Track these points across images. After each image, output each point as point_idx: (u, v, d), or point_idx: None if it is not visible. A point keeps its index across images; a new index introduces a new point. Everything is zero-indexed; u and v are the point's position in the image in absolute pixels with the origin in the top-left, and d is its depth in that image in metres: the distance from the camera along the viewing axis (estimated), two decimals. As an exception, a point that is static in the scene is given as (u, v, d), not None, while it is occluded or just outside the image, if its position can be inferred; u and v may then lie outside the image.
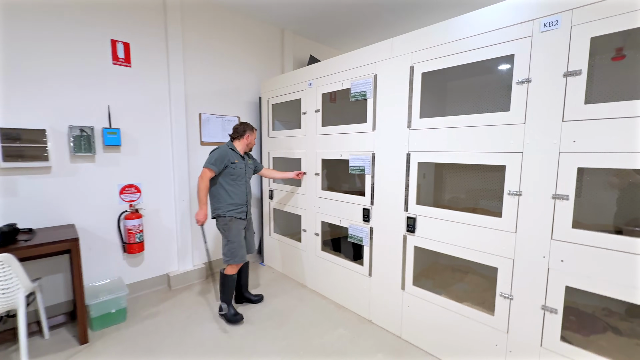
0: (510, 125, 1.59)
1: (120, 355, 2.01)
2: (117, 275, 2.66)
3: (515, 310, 1.64)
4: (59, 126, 2.32)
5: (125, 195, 2.68)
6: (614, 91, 1.65)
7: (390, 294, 2.24)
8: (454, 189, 2.58)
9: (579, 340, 1.65)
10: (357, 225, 2.43)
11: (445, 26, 1.82)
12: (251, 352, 2.05)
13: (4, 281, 1.69)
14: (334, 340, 2.18)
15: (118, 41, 2.56)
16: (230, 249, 2.33)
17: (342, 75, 2.46)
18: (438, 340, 2.00)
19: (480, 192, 2.35)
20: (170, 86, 2.85)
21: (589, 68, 1.35)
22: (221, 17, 3.21)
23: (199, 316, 2.47)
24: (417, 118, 1.98)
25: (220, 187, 2.34)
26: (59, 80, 2.31)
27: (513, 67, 1.57)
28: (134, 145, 2.70)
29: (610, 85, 1.66)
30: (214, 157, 2.29)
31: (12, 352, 2.02)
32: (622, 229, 1.66)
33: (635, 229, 1.61)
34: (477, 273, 2.44)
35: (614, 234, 1.34)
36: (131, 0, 2.60)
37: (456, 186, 2.57)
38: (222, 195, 2.35)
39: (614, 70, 1.71)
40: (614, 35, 1.30)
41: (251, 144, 2.52)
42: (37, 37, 2.21)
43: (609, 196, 1.77)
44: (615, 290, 1.34)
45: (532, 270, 1.56)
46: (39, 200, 2.28)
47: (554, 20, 1.43)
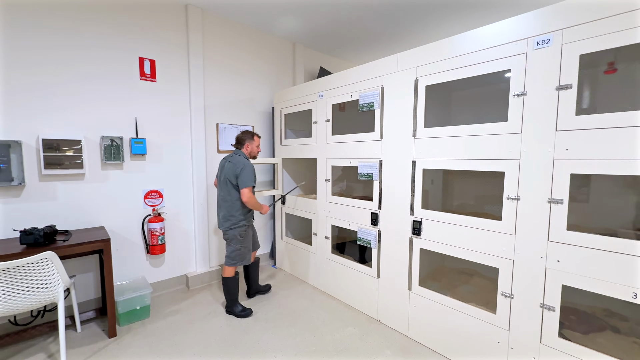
0: (508, 134, 1.71)
1: (146, 348, 2.18)
2: (141, 275, 2.85)
3: (515, 309, 1.74)
4: (93, 136, 2.55)
5: (149, 200, 2.88)
6: (608, 102, 1.76)
7: (398, 295, 2.36)
8: (460, 194, 2.70)
9: (578, 337, 1.74)
10: (366, 229, 2.56)
11: (446, 43, 1.96)
12: (267, 347, 2.18)
13: (47, 276, 1.88)
14: (344, 337, 2.30)
15: (145, 58, 2.79)
16: (240, 253, 2.55)
17: (351, 87, 2.62)
18: (443, 339, 2.09)
19: (483, 197, 2.46)
20: (191, 99, 3.06)
21: (581, 82, 1.48)
22: (237, 33, 3.43)
23: (217, 314, 2.63)
24: (422, 127, 2.12)
25: (238, 199, 2.49)
26: (94, 95, 2.54)
27: (510, 81, 1.70)
28: (158, 153, 2.92)
29: (604, 96, 1.77)
30: (249, 174, 2.43)
31: (50, 344, 2.21)
32: (616, 232, 1.75)
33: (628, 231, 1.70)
34: (483, 276, 2.53)
35: (604, 236, 1.43)
36: (158, 20, 2.84)
37: (461, 192, 2.69)
38: (239, 206, 2.50)
39: (608, 82, 1.82)
40: (606, 51, 1.41)
41: (253, 152, 2.66)
42: (74, 58, 2.45)
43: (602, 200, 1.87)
44: (607, 288, 1.43)
45: (531, 270, 1.66)
46: (74, 204, 2.49)
47: (546, 38, 1.56)
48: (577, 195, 1.86)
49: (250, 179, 2.43)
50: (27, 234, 2.02)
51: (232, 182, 2.47)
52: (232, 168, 2.47)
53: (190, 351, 2.14)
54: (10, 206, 2.25)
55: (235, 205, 2.50)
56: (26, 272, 1.80)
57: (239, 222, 2.51)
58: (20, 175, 2.23)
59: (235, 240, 2.54)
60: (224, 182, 2.53)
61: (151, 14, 2.81)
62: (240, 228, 2.52)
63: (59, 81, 2.40)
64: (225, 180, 2.52)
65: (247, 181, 2.41)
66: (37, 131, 2.31)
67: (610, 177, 1.79)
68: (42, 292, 1.87)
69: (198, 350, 2.14)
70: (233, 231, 2.52)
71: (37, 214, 2.34)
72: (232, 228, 2.51)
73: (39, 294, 1.86)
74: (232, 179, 2.47)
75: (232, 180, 2.47)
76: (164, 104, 2.93)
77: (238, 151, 2.60)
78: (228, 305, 2.62)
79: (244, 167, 2.44)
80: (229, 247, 2.57)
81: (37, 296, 1.86)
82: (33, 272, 1.82)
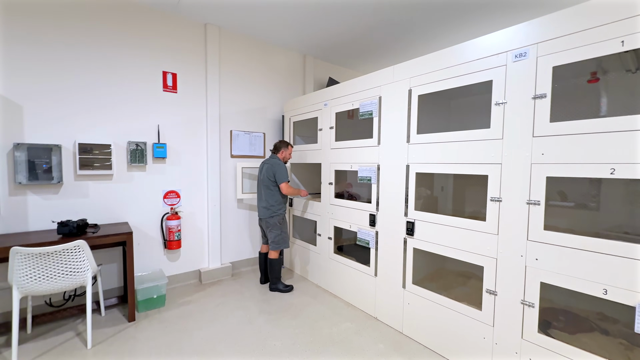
0: (491, 140, 1.83)
1: (160, 331, 2.41)
2: (159, 268, 3.12)
3: (499, 306, 1.82)
4: (120, 141, 2.87)
5: (168, 199, 3.17)
6: (591, 109, 1.84)
7: (393, 293, 2.47)
8: (453, 197, 2.79)
9: (564, 336, 1.79)
10: (365, 230, 2.70)
11: (436, 56, 2.12)
12: (268, 335, 2.36)
13: (78, 262, 2.16)
14: (341, 331, 2.43)
15: (168, 72, 3.11)
16: (283, 237, 3.10)
17: (352, 97, 2.81)
18: (434, 335, 2.19)
19: (472, 199, 2.54)
20: (208, 108, 3.36)
21: (556, 91, 1.59)
22: (251, 46, 3.72)
23: (226, 306, 2.83)
24: (415, 134, 2.27)
25: (277, 192, 3.06)
26: (123, 106, 2.87)
27: (492, 91, 1.82)
28: (177, 157, 3.21)
29: (586, 104, 1.86)
30: (284, 172, 3.02)
31: (78, 324, 2.49)
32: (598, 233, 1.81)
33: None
34: (480, 278, 2.59)
35: (577, 235, 1.52)
36: (180, 38, 3.17)
37: (455, 194, 2.78)
38: (279, 198, 3.07)
39: (592, 91, 1.90)
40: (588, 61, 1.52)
41: (286, 157, 3.21)
42: (109, 74, 2.79)
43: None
44: (580, 285, 1.51)
45: (512, 268, 1.75)
46: (103, 201, 2.80)
47: (523, 52, 1.69)
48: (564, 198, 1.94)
49: (285, 175, 3.02)
50: (63, 225, 2.32)
51: (270, 179, 3.03)
52: (270, 168, 3.03)
53: (199, 336, 2.34)
54: (50, 202, 2.58)
55: (272, 197, 3.05)
56: (62, 257, 2.08)
57: (277, 211, 3.06)
58: (59, 175, 2.56)
59: (275, 227, 3.06)
60: (263, 180, 3.08)
61: (175, 33, 3.14)
62: (278, 216, 3.07)
63: (94, 94, 2.74)
64: (264, 178, 3.06)
65: (283, 178, 3.00)
66: (74, 136, 2.65)
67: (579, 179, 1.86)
68: (74, 276, 2.15)
69: (206, 336, 2.35)
70: (273, 219, 3.05)
71: (71, 208, 2.66)
72: (272, 216, 3.05)
73: (71, 277, 2.14)
74: (270, 177, 3.02)
75: (270, 178, 3.03)
76: (183, 113, 3.23)
77: (274, 155, 3.16)
78: (272, 282, 3.14)
79: (278, 166, 3.03)
80: (272, 233, 3.07)
81: (70, 279, 2.14)
82: (68, 257, 2.10)
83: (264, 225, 3.16)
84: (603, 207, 1.92)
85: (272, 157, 3.15)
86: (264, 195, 3.08)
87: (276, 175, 3.01)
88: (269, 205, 3.06)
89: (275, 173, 3.02)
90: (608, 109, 1.85)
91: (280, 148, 3.18)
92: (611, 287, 1.42)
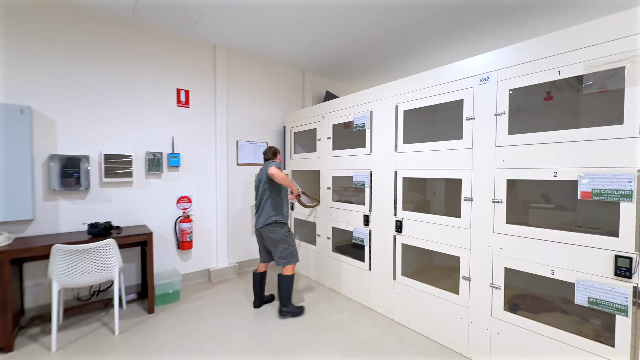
0: (463, 149, 2.17)
1: (177, 321, 2.69)
2: (173, 266, 3.41)
3: (473, 289, 2.14)
4: (140, 152, 3.19)
5: (181, 204, 3.48)
6: (542, 124, 2.19)
7: (385, 284, 2.78)
8: (437, 198, 3.14)
9: (529, 315, 2.10)
10: (359, 229, 3.02)
11: (418, 78, 2.48)
12: (274, 324, 2.65)
13: (108, 258, 2.45)
14: (339, 319, 2.73)
15: (181, 89, 3.46)
16: (291, 251, 2.78)
17: (347, 111, 3.16)
18: (420, 319, 2.49)
19: (452, 200, 2.88)
20: (216, 120, 3.70)
21: (513, 109, 1.94)
22: (255, 64, 4.09)
23: (234, 301, 3.12)
24: (401, 144, 2.61)
25: (281, 199, 2.82)
26: (142, 120, 3.21)
27: (463, 108, 2.18)
28: (189, 165, 3.53)
29: (539, 119, 2.22)
30: (276, 163, 2.77)
31: (103, 316, 2.77)
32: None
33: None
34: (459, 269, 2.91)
35: (530, 227, 1.85)
36: (192, 58, 3.52)
37: (447, 197, 3.12)
38: (283, 206, 2.84)
39: (547, 107, 2.26)
40: (542, 84, 1.86)
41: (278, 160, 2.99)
42: (127, 88, 3.13)
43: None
44: (534, 268, 1.83)
45: (482, 257, 2.08)
46: (124, 205, 3.11)
47: (486, 76, 2.04)
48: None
49: (276, 164, 2.75)
50: (92, 226, 2.63)
51: (265, 180, 2.76)
52: (265, 168, 2.76)
53: (214, 325, 2.63)
54: (78, 206, 2.89)
55: (270, 202, 2.75)
56: (95, 254, 2.38)
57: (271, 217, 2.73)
58: (86, 182, 2.87)
59: (282, 241, 2.75)
60: (259, 186, 2.83)
61: (187, 53, 3.50)
62: (278, 226, 2.75)
63: (117, 109, 3.07)
64: (261, 183, 2.81)
65: (274, 165, 2.72)
66: (100, 147, 2.97)
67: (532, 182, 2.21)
68: (105, 271, 2.44)
69: (220, 325, 2.64)
70: (275, 232, 2.73)
71: (96, 212, 2.96)
72: (269, 225, 2.73)
73: (102, 272, 2.43)
74: (265, 178, 2.76)
75: (265, 179, 2.76)
76: (194, 125, 3.57)
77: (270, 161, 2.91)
78: (283, 304, 2.75)
79: (274, 163, 2.80)
80: (278, 248, 2.75)
81: (101, 274, 2.43)
82: (99, 254, 2.40)
83: (265, 239, 2.81)
84: (569, 206, 2.27)
85: (267, 163, 2.86)
86: (261, 203, 2.80)
87: (270, 170, 2.65)
88: (264, 212, 2.77)
89: (269, 169, 2.67)
90: (556, 123, 2.20)
91: (277, 153, 2.99)
92: (557, 269, 1.75)
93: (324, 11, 2.96)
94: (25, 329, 2.55)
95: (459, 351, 2.23)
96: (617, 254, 1.54)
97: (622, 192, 1.52)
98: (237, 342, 2.38)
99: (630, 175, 1.49)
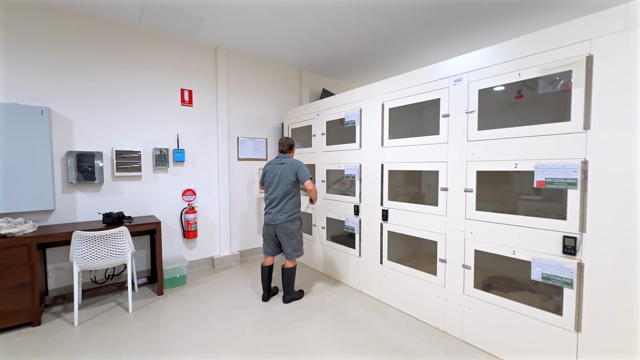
0: (440, 144, 2.39)
1: (185, 301, 2.98)
2: (179, 254, 3.69)
3: (448, 270, 2.38)
4: (148, 148, 3.46)
5: (186, 196, 3.74)
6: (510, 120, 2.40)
7: (373, 269, 3.03)
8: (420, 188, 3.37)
9: (499, 293, 2.33)
10: (351, 219, 3.26)
11: (401, 78, 2.69)
12: (271, 304, 2.92)
13: (122, 244, 2.73)
14: (331, 300, 2.99)
15: (185, 89, 3.70)
16: (302, 244, 2.94)
17: (339, 109, 3.38)
18: (402, 299, 2.74)
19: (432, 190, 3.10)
20: (218, 118, 3.95)
21: (482, 107, 2.15)
22: (254, 65, 4.31)
23: (236, 285, 3.39)
24: (387, 139, 2.83)
25: (297, 194, 2.91)
26: (149, 118, 3.46)
27: (440, 106, 2.39)
28: (192, 160, 3.79)
29: (508, 116, 2.42)
30: (307, 169, 2.84)
31: (117, 297, 3.06)
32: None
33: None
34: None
35: (496, 213, 2.08)
36: (194, 60, 3.76)
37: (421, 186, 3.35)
38: (298, 200, 2.92)
39: (512, 106, 2.47)
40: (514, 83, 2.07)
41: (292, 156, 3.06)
42: (135, 89, 3.39)
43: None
44: (498, 249, 2.06)
45: (456, 241, 2.31)
46: (134, 197, 3.39)
47: (459, 78, 2.25)
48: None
49: (309, 172, 2.85)
50: (107, 216, 2.91)
51: (291, 179, 2.81)
52: (290, 168, 2.81)
53: (216, 304, 2.91)
54: (93, 198, 3.17)
55: (291, 200, 2.85)
56: (110, 240, 2.66)
57: (293, 214, 2.85)
58: (100, 176, 3.15)
59: (298, 233, 2.88)
60: (280, 182, 2.83)
61: (190, 55, 3.74)
62: (298, 221, 2.89)
63: (126, 109, 3.33)
64: (283, 179, 2.82)
65: (307, 174, 2.82)
66: (111, 144, 3.24)
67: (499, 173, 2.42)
68: (119, 256, 2.72)
69: (222, 304, 2.91)
70: (293, 225, 2.84)
71: (109, 204, 3.24)
72: (292, 221, 2.83)
73: (117, 256, 2.71)
74: (291, 177, 2.80)
75: (291, 178, 2.80)
76: (197, 123, 3.82)
77: (286, 155, 2.97)
78: (288, 293, 2.93)
79: (300, 164, 2.85)
80: (292, 240, 2.85)
81: (116, 258, 2.71)
82: (114, 240, 2.68)
83: (279, 233, 2.84)
84: (530, 193, 2.48)
85: (285, 157, 2.93)
86: (281, 199, 2.81)
87: (299, 174, 2.79)
88: (286, 209, 2.80)
89: (297, 171, 2.80)
90: (520, 120, 2.41)
91: (293, 146, 3.03)
92: (517, 249, 1.98)
93: (317, 16, 3.17)
94: (49, 307, 2.86)
95: (436, 326, 2.48)
96: (564, 235, 1.76)
97: (569, 181, 1.73)
98: (238, 318, 2.65)
99: (575, 165, 1.71)
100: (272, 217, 2.85)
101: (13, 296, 2.42)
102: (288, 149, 3.01)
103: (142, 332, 2.43)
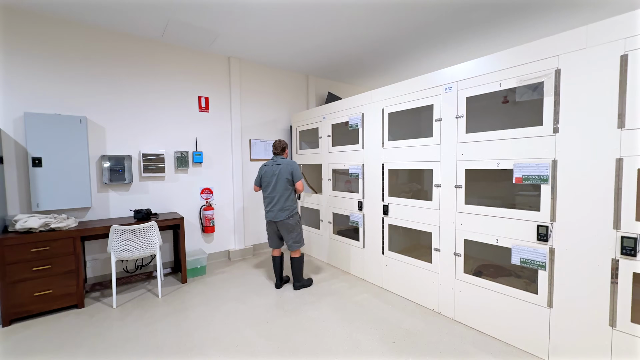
0: (433, 145, 2.67)
1: (206, 288, 3.32)
2: (199, 247, 4.05)
3: (442, 258, 2.66)
4: (170, 151, 3.82)
5: (204, 194, 4.09)
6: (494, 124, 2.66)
7: (375, 259, 3.32)
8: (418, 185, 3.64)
9: (487, 278, 2.61)
10: (355, 213, 3.56)
11: (399, 85, 2.96)
12: (284, 289, 3.25)
13: (151, 237, 3.09)
14: (337, 288, 3.30)
15: (202, 97, 4.04)
16: (302, 235, 3.25)
17: (343, 113, 3.67)
18: (401, 285, 3.03)
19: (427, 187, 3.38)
20: (232, 122, 4.28)
21: (470, 112, 2.42)
22: (264, 72, 4.64)
23: (251, 275, 3.73)
24: (387, 141, 3.12)
25: (293, 192, 3.17)
26: (171, 124, 3.82)
27: (433, 111, 2.67)
28: (210, 161, 4.14)
29: (493, 120, 2.68)
30: (299, 170, 3.13)
31: (146, 285, 3.43)
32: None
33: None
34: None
35: (482, 206, 2.35)
36: (210, 69, 4.10)
37: (419, 183, 3.62)
38: (294, 197, 3.19)
39: (498, 110, 2.73)
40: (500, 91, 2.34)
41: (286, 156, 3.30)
42: (158, 98, 3.74)
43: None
44: (484, 238, 2.34)
45: (448, 232, 2.59)
46: (159, 196, 3.75)
47: (450, 86, 2.53)
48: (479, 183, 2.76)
49: (300, 173, 3.14)
50: (137, 212, 3.27)
51: (289, 179, 3.07)
52: (287, 168, 3.08)
53: (235, 291, 3.25)
54: (123, 196, 3.54)
55: (290, 198, 3.11)
56: (142, 233, 3.02)
57: (293, 210, 3.13)
58: (129, 177, 3.51)
59: (297, 227, 3.18)
60: (278, 182, 3.07)
61: (206, 66, 4.08)
62: (297, 216, 3.18)
63: (151, 116, 3.69)
64: (281, 179, 3.06)
65: (300, 175, 3.12)
66: (139, 148, 3.60)
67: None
68: (149, 247, 3.08)
69: (239, 290, 3.25)
70: (292, 220, 3.12)
71: (137, 201, 3.61)
72: (290, 217, 3.11)
73: (147, 248, 3.07)
74: (288, 176, 3.07)
75: (288, 177, 3.07)
76: (213, 127, 4.16)
77: (280, 156, 3.22)
78: (297, 280, 3.24)
79: (295, 165, 3.13)
80: (292, 233, 3.14)
81: (146, 249, 3.07)
82: (145, 233, 3.04)
83: (280, 228, 3.14)
84: (512, 188, 2.75)
85: (280, 158, 3.17)
86: (280, 197, 3.06)
87: (294, 174, 3.07)
88: (286, 207, 3.08)
89: (293, 171, 3.07)
90: (504, 123, 2.67)
91: (285, 148, 3.26)
92: (500, 237, 2.25)
93: (320, 27, 3.46)
94: (88, 292, 3.24)
95: (431, 308, 2.77)
96: (538, 224, 2.04)
97: (542, 177, 2.00)
98: (255, 302, 2.99)
99: (547, 164, 1.98)
100: (274, 214, 3.11)
101: (62, 282, 2.79)
102: (281, 151, 3.24)
103: (173, 313, 2.78)
